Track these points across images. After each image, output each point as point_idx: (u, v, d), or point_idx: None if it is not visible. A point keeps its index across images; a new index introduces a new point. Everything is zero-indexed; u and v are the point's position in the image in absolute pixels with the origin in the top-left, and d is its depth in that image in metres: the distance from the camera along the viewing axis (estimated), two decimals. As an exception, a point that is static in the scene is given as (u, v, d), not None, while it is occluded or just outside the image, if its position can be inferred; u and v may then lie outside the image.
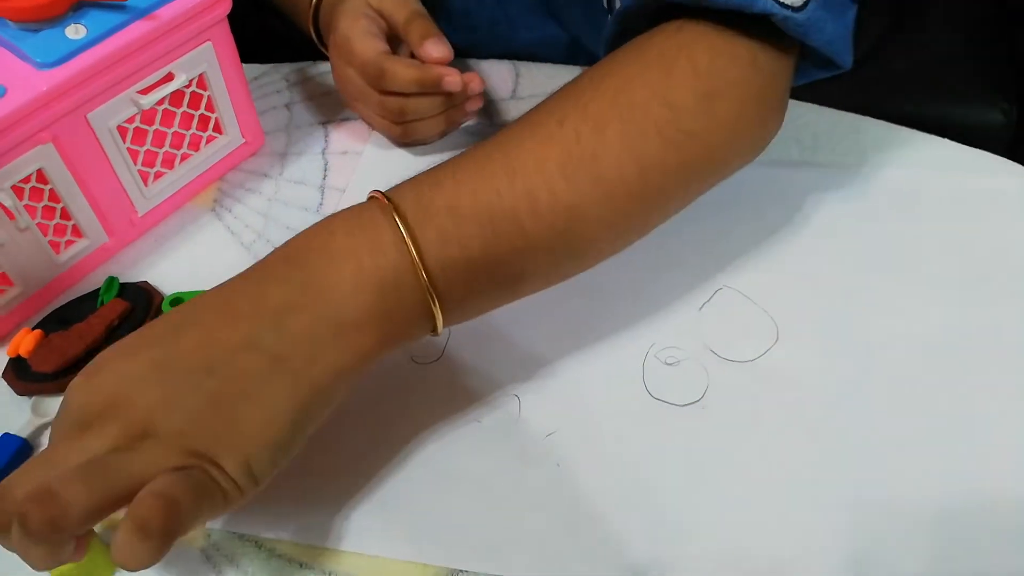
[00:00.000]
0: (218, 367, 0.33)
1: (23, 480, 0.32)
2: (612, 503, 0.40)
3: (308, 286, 0.35)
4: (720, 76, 0.40)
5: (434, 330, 0.38)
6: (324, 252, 0.36)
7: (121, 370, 0.33)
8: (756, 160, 0.46)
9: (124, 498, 0.31)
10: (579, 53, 0.66)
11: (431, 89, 0.54)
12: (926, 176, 0.54)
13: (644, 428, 0.43)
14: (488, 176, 0.37)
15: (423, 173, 0.39)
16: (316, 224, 0.37)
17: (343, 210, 0.38)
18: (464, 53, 0.64)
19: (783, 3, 0.39)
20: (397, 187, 0.38)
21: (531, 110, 0.41)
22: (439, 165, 0.39)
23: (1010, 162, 0.55)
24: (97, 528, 0.40)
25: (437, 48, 0.54)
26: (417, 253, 0.35)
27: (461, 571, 0.39)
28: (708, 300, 0.48)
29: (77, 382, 0.34)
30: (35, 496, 0.30)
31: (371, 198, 0.38)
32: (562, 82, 0.42)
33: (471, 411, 0.44)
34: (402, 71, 0.54)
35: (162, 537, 0.30)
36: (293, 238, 0.37)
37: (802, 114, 0.58)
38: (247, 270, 0.37)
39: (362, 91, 0.56)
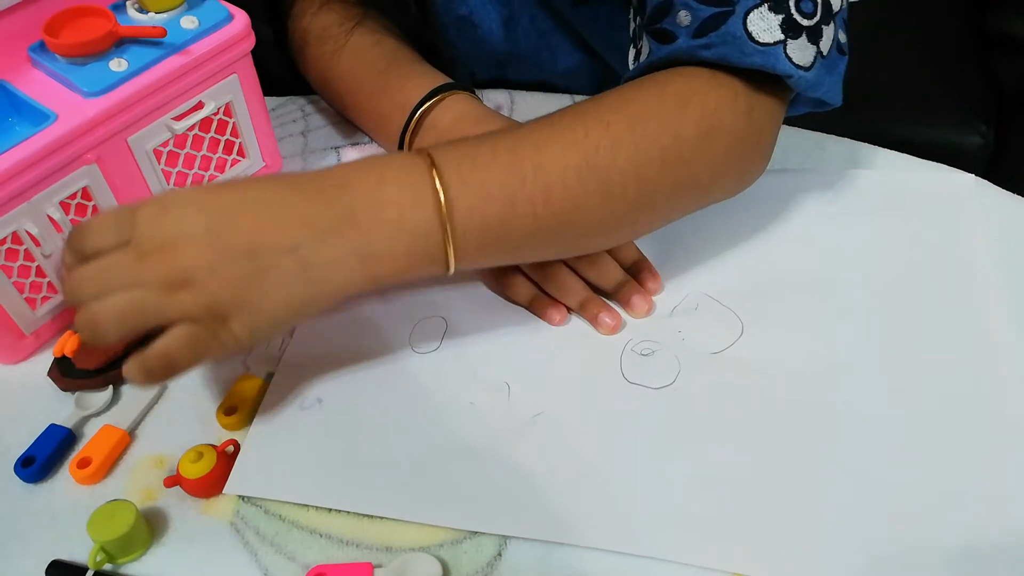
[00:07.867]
0: (260, 255, 0.41)
1: (96, 240, 0.42)
2: (593, 471, 0.45)
3: (354, 219, 0.42)
4: (721, 120, 0.47)
5: (445, 272, 0.45)
6: (375, 194, 0.43)
7: (184, 220, 0.41)
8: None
9: (146, 330, 0.41)
10: (607, 78, 0.73)
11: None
12: (882, 185, 0.59)
13: (620, 406, 0.48)
14: (517, 166, 0.44)
15: (464, 143, 0.46)
16: (369, 163, 0.44)
17: (395, 157, 0.45)
18: (507, 77, 0.72)
19: (797, 65, 0.46)
20: (443, 152, 0.44)
21: (559, 113, 0.47)
22: (478, 140, 0.46)
23: (955, 170, 0.59)
24: (138, 504, 0.45)
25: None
26: (449, 218, 0.43)
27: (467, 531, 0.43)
28: (678, 304, 0.53)
29: (150, 212, 0.41)
30: (81, 323, 0.41)
31: (419, 156, 0.44)
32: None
33: (465, 395, 0.49)
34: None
35: (160, 381, 0.43)
36: (350, 168, 0.44)
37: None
38: (310, 176, 0.43)
39: None
